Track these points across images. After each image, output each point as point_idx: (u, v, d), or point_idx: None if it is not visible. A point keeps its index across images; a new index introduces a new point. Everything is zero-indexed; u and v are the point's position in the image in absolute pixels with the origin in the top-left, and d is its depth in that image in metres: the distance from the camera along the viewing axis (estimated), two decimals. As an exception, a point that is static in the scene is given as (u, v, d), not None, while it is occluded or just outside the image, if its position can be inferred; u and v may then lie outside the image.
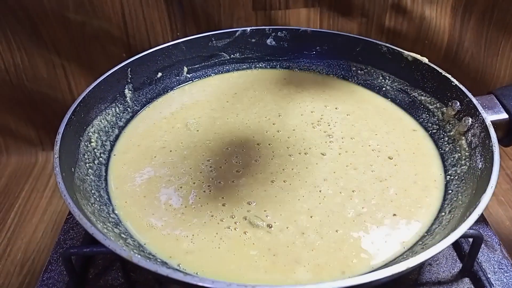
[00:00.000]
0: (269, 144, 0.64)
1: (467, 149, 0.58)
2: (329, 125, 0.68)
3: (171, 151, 0.63)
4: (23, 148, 0.95)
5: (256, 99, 0.73)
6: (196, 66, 0.78)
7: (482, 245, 0.54)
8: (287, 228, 0.52)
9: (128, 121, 0.69)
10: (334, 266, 0.48)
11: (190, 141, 0.64)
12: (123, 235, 0.49)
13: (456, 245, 0.58)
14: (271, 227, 0.52)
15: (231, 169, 0.60)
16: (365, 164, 0.60)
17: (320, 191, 0.56)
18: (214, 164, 0.60)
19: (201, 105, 0.72)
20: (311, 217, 0.53)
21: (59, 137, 0.54)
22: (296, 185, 0.57)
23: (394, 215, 0.53)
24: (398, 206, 0.55)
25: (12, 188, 0.88)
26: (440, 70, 0.66)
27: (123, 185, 0.58)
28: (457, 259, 0.56)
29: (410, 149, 0.63)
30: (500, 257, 0.57)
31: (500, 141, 0.56)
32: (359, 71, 0.77)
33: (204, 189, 0.57)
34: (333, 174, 0.59)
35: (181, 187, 0.57)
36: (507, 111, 0.59)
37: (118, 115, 0.68)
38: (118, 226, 0.51)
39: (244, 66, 0.81)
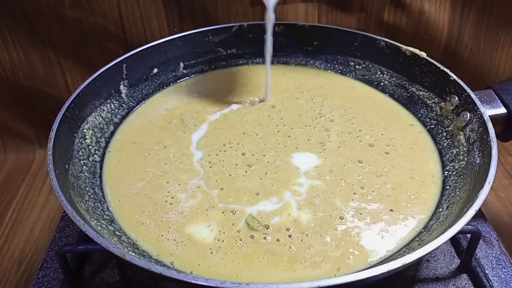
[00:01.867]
0: (267, 139, 0.63)
1: (465, 144, 0.58)
2: (327, 120, 0.67)
3: (166, 147, 0.62)
4: (20, 145, 0.95)
5: (254, 94, 0.73)
6: (193, 61, 0.78)
7: (480, 241, 0.54)
8: (284, 226, 0.51)
9: (123, 118, 0.68)
10: (331, 263, 0.47)
11: (187, 138, 0.64)
12: (117, 233, 0.49)
13: (454, 241, 0.57)
14: (267, 228, 0.51)
15: (229, 164, 0.59)
16: (362, 159, 0.60)
17: (317, 187, 0.56)
18: (212, 159, 0.60)
19: (198, 101, 0.72)
20: (307, 212, 0.52)
21: (52, 134, 0.53)
22: (295, 180, 0.57)
23: (391, 210, 0.53)
24: (395, 201, 0.54)
25: (9, 185, 0.88)
26: (438, 65, 0.65)
27: (117, 183, 0.57)
28: (455, 255, 0.56)
29: (407, 144, 0.63)
30: (498, 252, 0.56)
31: (498, 136, 0.56)
32: (357, 66, 0.77)
33: (200, 186, 0.56)
34: (331, 168, 0.58)
35: (178, 184, 0.57)
36: (505, 106, 0.58)
37: (113, 111, 0.67)
38: (112, 224, 0.51)
39: (241, 62, 0.80)
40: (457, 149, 0.59)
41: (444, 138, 0.62)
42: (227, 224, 0.51)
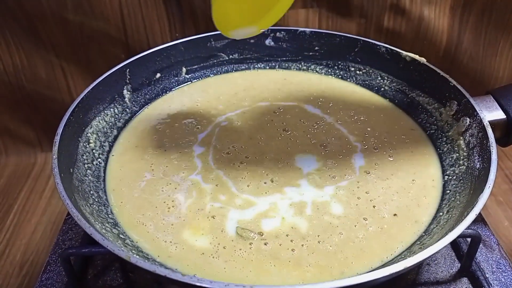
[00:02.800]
0: (271, 142, 0.64)
1: (465, 149, 0.58)
2: (330, 123, 0.68)
3: (168, 151, 0.63)
4: (22, 149, 0.95)
5: (257, 98, 0.73)
6: (195, 66, 0.78)
7: (481, 245, 0.55)
8: (285, 231, 0.51)
9: (126, 122, 0.69)
10: (334, 267, 0.48)
11: (189, 142, 0.64)
12: (121, 236, 0.49)
13: (454, 245, 0.58)
14: (262, 235, 0.51)
15: (232, 167, 0.60)
16: (367, 163, 0.60)
17: (320, 190, 0.56)
18: (214, 163, 0.60)
19: (201, 106, 0.72)
20: (310, 216, 0.53)
21: (57, 138, 0.54)
22: (297, 184, 0.57)
23: (395, 215, 0.53)
24: (398, 205, 0.55)
25: (11, 189, 0.88)
26: (438, 71, 0.66)
27: (120, 186, 0.58)
28: (456, 259, 0.56)
29: (408, 148, 0.63)
30: (498, 256, 0.57)
31: (497, 141, 0.56)
32: (357, 72, 0.77)
33: (201, 189, 0.57)
34: (334, 172, 0.59)
35: (178, 187, 0.57)
36: (504, 111, 0.59)
37: (116, 116, 0.68)
38: (116, 227, 0.51)
39: (243, 67, 0.81)
40: (457, 154, 0.59)
41: (444, 143, 0.63)
42: (228, 228, 0.52)
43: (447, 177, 0.58)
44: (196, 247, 0.50)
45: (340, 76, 0.79)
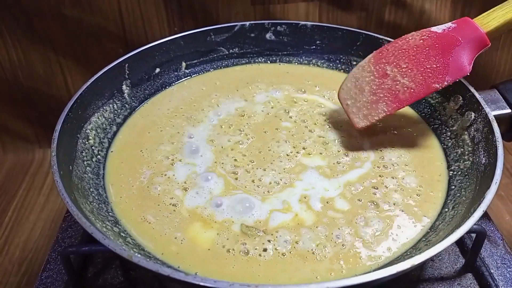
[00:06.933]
0: (275, 136, 0.63)
1: (470, 144, 0.58)
2: (335, 117, 0.67)
3: (168, 146, 0.62)
4: (19, 145, 0.94)
5: (260, 92, 0.73)
6: (195, 61, 0.77)
7: (485, 241, 0.54)
8: (293, 228, 0.51)
9: (126, 118, 0.68)
10: (342, 262, 0.47)
11: (189, 137, 0.64)
12: (122, 234, 0.49)
13: (459, 240, 0.57)
14: (266, 232, 0.51)
15: (235, 162, 0.59)
16: (376, 156, 0.60)
17: (327, 186, 0.56)
18: (216, 158, 0.60)
19: (201, 101, 0.71)
20: (317, 213, 0.52)
21: (56, 134, 0.53)
22: (305, 178, 0.57)
23: (402, 211, 0.53)
24: (405, 201, 0.54)
25: (9, 186, 0.88)
26: (442, 65, 0.65)
27: (119, 182, 0.57)
28: (460, 255, 0.56)
29: (415, 141, 0.63)
30: (503, 252, 0.57)
31: (503, 136, 0.56)
32: (359, 66, 0.77)
33: (205, 186, 0.56)
34: (342, 166, 0.58)
35: (180, 184, 0.56)
36: (510, 106, 0.58)
37: (115, 111, 0.67)
38: (117, 225, 0.50)
39: (243, 61, 0.80)
40: (462, 149, 0.59)
41: (448, 138, 0.62)
42: (228, 226, 0.51)
43: (452, 172, 0.58)
44: (201, 244, 0.49)
45: (342, 70, 0.78)
